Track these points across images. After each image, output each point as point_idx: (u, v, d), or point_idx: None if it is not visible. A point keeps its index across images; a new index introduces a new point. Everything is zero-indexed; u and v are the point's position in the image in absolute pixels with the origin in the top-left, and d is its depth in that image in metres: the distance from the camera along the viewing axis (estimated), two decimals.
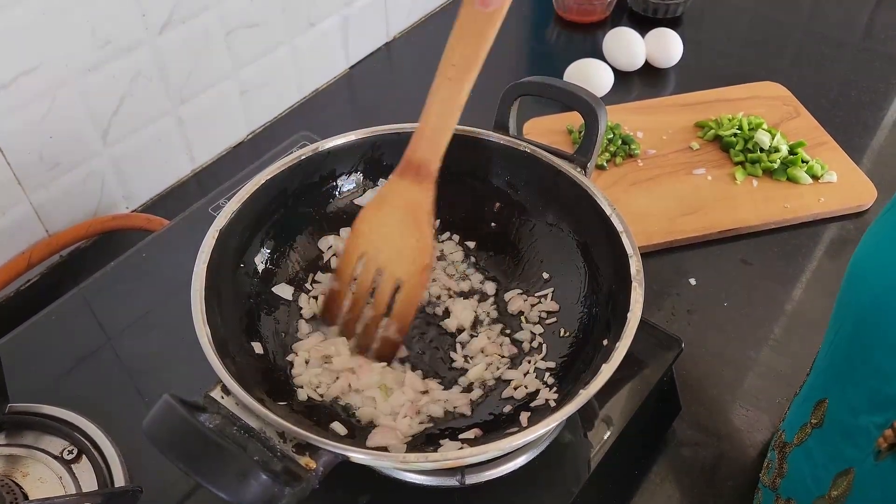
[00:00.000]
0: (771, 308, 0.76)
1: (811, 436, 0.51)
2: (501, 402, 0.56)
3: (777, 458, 0.56)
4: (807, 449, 0.51)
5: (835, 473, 0.47)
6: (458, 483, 0.52)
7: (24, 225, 0.76)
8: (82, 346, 0.65)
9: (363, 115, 1.03)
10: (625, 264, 0.53)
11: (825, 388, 0.51)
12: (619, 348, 0.48)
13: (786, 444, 0.55)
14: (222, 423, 0.43)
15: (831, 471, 0.47)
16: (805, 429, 0.52)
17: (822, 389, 0.51)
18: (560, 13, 1.17)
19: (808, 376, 0.57)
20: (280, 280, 0.61)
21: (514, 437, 0.45)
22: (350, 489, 0.54)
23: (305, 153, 0.61)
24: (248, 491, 0.39)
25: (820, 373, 0.53)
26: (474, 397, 0.56)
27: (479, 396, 0.56)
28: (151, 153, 0.86)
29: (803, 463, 0.51)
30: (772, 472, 0.56)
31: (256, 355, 0.55)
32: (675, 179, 0.87)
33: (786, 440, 0.55)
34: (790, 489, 0.53)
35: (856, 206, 0.85)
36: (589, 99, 0.59)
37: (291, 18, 0.94)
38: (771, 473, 0.56)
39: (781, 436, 0.56)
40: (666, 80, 1.06)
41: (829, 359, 0.51)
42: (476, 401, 0.56)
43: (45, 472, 0.55)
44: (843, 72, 1.06)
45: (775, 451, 0.57)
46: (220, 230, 0.55)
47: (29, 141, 0.73)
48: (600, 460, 0.56)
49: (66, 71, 0.73)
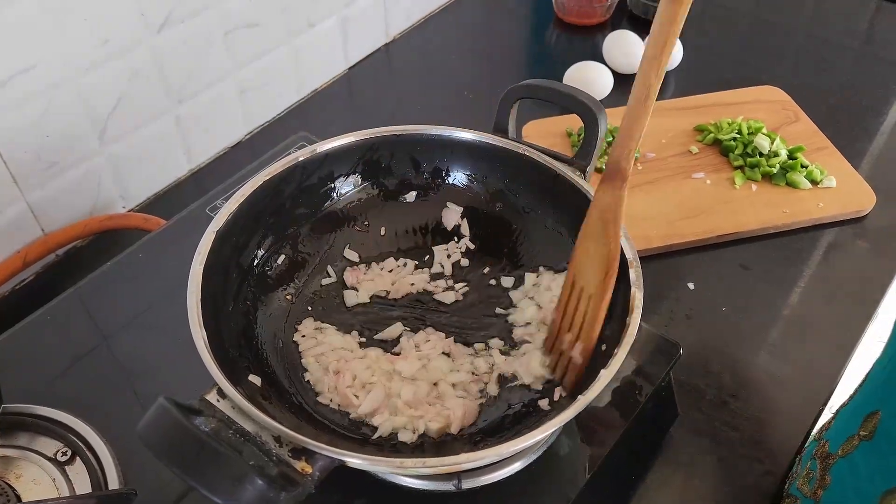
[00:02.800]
0: (769, 313, 0.76)
1: (858, 448, 0.50)
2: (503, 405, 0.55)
3: (819, 469, 0.54)
4: (852, 461, 0.50)
5: (883, 490, 0.46)
6: (454, 488, 0.52)
7: (20, 224, 0.76)
8: (77, 347, 0.64)
9: (362, 115, 1.03)
10: (624, 269, 0.53)
11: (881, 400, 0.49)
12: (617, 354, 0.48)
13: (829, 455, 0.54)
14: (218, 426, 0.43)
15: (879, 486, 0.46)
16: (852, 440, 0.50)
17: (877, 401, 0.50)
18: (560, 15, 1.17)
19: (859, 387, 0.56)
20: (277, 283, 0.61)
21: (511, 443, 0.45)
22: (346, 494, 0.53)
23: (303, 154, 0.61)
24: (244, 495, 0.39)
25: (877, 384, 0.51)
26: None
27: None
28: (149, 153, 0.85)
29: (847, 475, 0.50)
30: (813, 483, 0.55)
31: (253, 357, 0.54)
32: (674, 183, 0.87)
33: (829, 451, 0.54)
34: (833, 501, 0.52)
35: (855, 211, 0.85)
36: (589, 102, 0.59)
37: (291, 19, 0.93)
38: (812, 484, 0.55)
39: (824, 446, 0.55)
40: (665, 84, 1.06)
41: (890, 371, 0.50)
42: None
43: (38, 474, 0.55)
44: (843, 77, 1.06)
45: (817, 462, 0.55)
46: (217, 231, 0.54)
47: (26, 140, 0.73)
48: (597, 466, 0.55)
49: (63, 70, 0.72)
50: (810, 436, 0.64)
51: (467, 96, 1.03)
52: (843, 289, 0.79)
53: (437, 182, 0.66)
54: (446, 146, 0.64)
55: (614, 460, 0.57)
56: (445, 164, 0.65)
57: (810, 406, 0.69)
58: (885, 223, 0.85)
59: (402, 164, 0.65)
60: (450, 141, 0.64)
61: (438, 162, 0.65)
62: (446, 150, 0.65)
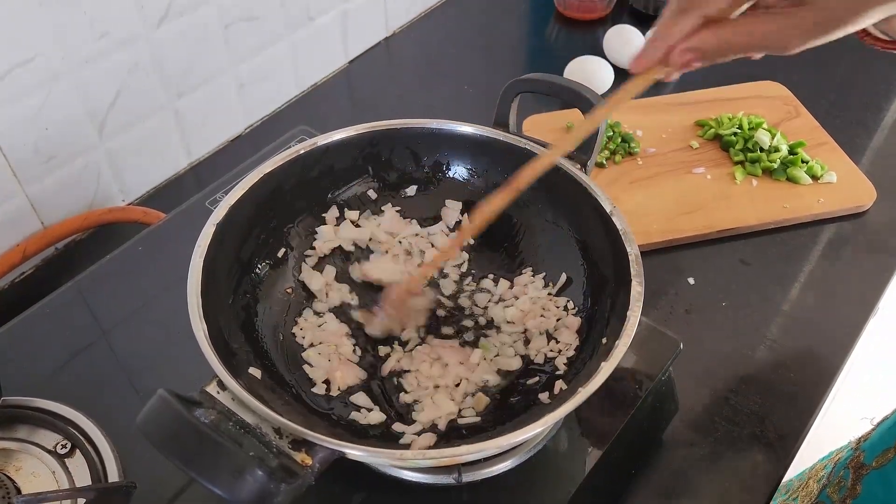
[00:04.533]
0: (769, 308, 0.76)
1: (892, 461, 0.50)
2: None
3: (851, 479, 0.55)
4: (885, 475, 0.50)
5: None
6: (454, 481, 0.52)
7: (20, 217, 0.76)
8: (77, 340, 0.64)
9: (362, 110, 1.03)
10: (624, 263, 0.53)
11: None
12: (618, 347, 0.48)
13: (863, 466, 0.54)
14: (218, 418, 0.43)
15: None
16: (887, 454, 0.50)
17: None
18: (560, 10, 1.17)
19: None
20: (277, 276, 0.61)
21: (511, 435, 0.45)
22: (346, 486, 0.53)
23: (304, 148, 0.61)
24: (244, 487, 0.39)
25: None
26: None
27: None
28: (148, 146, 0.85)
29: (878, 488, 0.50)
30: (843, 492, 0.55)
31: (253, 350, 0.54)
32: (674, 178, 0.87)
33: (864, 461, 0.54)
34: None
35: (855, 206, 0.85)
36: (589, 96, 0.59)
37: (290, 12, 0.93)
38: (843, 492, 0.55)
39: (860, 456, 0.55)
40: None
41: None
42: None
43: (38, 467, 0.55)
44: (843, 72, 1.06)
45: (850, 471, 0.56)
46: (217, 224, 0.54)
47: (24, 133, 0.72)
48: (597, 459, 0.55)
49: (62, 63, 0.72)
50: (848, 444, 0.64)
51: (467, 90, 1.03)
52: (842, 284, 0.79)
53: (437, 176, 0.66)
54: (447, 140, 0.64)
55: (614, 454, 0.57)
56: (446, 157, 0.65)
57: (809, 401, 0.69)
58: (885, 219, 0.85)
59: (403, 158, 0.65)
60: (450, 135, 0.64)
61: (439, 156, 0.65)
62: (447, 144, 0.65)
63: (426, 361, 0.57)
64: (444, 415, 0.53)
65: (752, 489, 0.63)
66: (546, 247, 0.62)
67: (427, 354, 0.57)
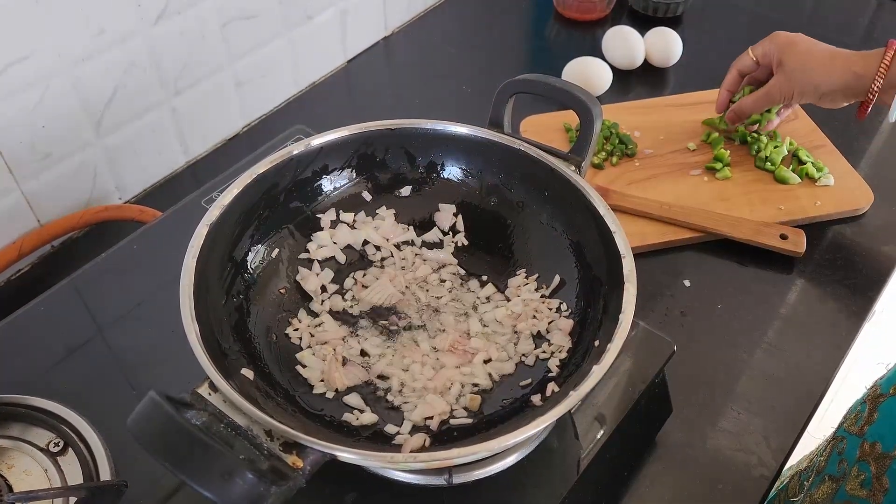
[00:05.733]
0: (765, 311, 0.76)
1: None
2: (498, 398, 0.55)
3: (868, 409, 0.60)
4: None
5: None
6: (445, 482, 0.52)
7: (16, 214, 0.76)
8: (72, 338, 0.64)
9: (360, 109, 1.02)
10: (618, 265, 0.53)
11: None
12: (610, 349, 0.48)
13: (880, 396, 0.59)
14: (209, 420, 0.43)
15: None
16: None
17: None
18: (559, 10, 1.17)
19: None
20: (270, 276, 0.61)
21: (503, 438, 0.45)
22: (337, 488, 0.53)
23: (297, 148, 0.61)
24: (234, 490, 0.38)
25: None
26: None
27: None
28: (145, 144, 0.85)
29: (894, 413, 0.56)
30: (860, 421, 0.61)
31: (246, 351, 0.54)
32: (671, 180, 0.87)
33: (881, 392, 0.60)
34: (877, 434, 0.57)
35: (852, 209, 0.85)
36: (584, 98, 0.59)
37: (288, 11, 0.93)
38: (859, 422, 0.61)
39: (876, 389, 0.61)
40: (665, 80, 1.06)
41: None
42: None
43: (30, 465, 0.55)
44: None
45: (866, 404, 0.61)
46: (210, 224, 0.54)
47: (21, 130, 0.72)
48: (590, 461, 0.55)
49: (58, 60, 0.72)
50: (870, 384, 0.68)
51: (466, 90, 1.03)
52: (839, 287, 0.79)
53: (431, 176, 0.66)
54: (441, 140, 0.64)
55: (607, 456, 0.57)
56: (440, 158, 0.65)
57: (804, 404, 0.69)
58: (882, 221, 0.85)
59: (397, 159, 0.65)
60: (444, 135, 0.64)
61: (433, 156, 0.65)
62: (441, 144, 0.64)
63: (418, 362, 0.57)
64: (436, 414, 0.53)
65: (746, 492, 0.63)
66: (540, 248, 0.62)
67: (420, 355, 0.57)
